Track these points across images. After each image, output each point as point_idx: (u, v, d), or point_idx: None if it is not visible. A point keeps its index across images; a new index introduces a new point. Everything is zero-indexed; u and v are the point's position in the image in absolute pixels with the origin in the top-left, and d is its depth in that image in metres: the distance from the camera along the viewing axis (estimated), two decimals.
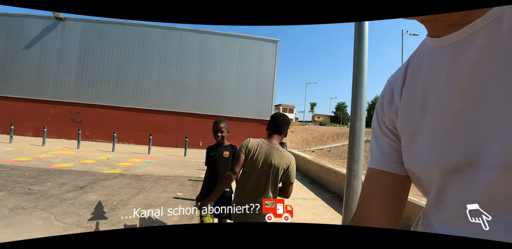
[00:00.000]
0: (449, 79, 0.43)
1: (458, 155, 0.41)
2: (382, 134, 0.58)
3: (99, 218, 1.55)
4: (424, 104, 0.48)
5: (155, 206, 3.66)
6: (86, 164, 6.48)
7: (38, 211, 3.15)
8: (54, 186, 4.24)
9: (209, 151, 2.29)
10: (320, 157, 10.62)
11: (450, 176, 0.43)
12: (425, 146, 0.46)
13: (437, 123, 0.45)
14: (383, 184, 0.56)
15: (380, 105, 0.59)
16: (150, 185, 4.86)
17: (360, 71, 1.66)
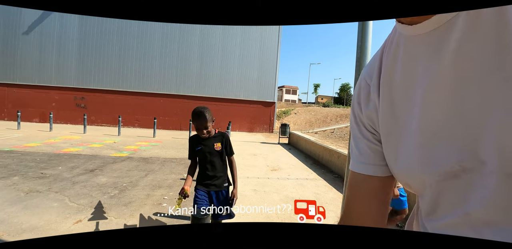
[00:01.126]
0: (430, 74, 0.39)
1: (450, 161, 0.38)
2: (361, 136, 0.52)
3: (99, 218, 1.63)
4: (407, 102, 0.42)
5: (164, 187, 3.81)
6: (94, 148, 6.63)
7: (52, 193, 3.29)
8: (65, 170, 4.39)
9: (194, 144, 1.94)
10: (323, 139, 10.70)
11: (445, 182, 0.40)
12: (413, 151, 0.42)
13: (424, 124, 0.40)
14: (366, 188, 0.53)
15: (357, 102, 0.53)
16: (157, 167, 5.00)
17: (363, 53, 1.63)
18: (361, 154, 0.52)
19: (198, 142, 1.93)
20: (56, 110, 12.51)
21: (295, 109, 24.20)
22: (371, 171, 0.51)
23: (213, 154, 1.93)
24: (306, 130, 14.18)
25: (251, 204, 3.31)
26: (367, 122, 0.51)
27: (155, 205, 3.14)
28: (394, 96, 0.44)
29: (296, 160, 6.61)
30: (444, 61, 0.37)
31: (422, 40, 0.39)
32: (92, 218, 2.59)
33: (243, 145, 8.74)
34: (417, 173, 0.42)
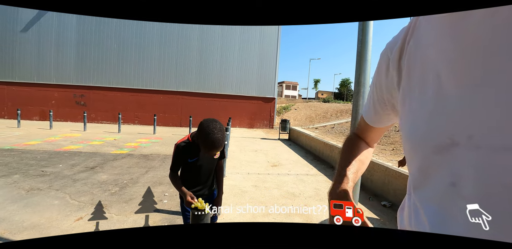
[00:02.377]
0: (448, 55, 0.42)
1: (443, 135, 0.42)
2: (376, 97, 0.64)
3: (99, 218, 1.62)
4: (424, 80, 0.47)
5: (164, 184, 3.81)
6: (94, 145, 6.64)
7: (53, 191, 3.30)
8: (66, 168, 4.40)
9: (187, 155, 1.54)
10: (323, 134, 10.69)
11: (435, 155, 0.44)
12: (418, 122, 0.47)
13: (432, 100, 0.45)
14: (364, 127, 0.75)
15: (378, 69, 0.61)
16: (157, 164, 5.01)
17: (364, 47, 1.60)
18: (369, 108, 0.69)
19: (192, 151, 1.54)
20: (56, 107, 12.49)
21: (295, 105, 24.14)
22: (370, 122, 0.72)
23: (210, 163, 1.62)
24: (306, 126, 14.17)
25: (254, 202, 3.32)
26: (386, 89, 0.59)
27: (155, 202, 3.14)
28: (414, 74, 0.49)
29: (296, 156, 6.61)
30: (461, 44, 0.40)
31: (444, 22, 0.42)
32: (93, 216, 2.60)
33: (243, 141, 8.74)
34: (418, 142, 0.48)
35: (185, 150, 1.53)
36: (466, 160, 0.40)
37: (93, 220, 2.20)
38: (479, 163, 0.38)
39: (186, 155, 1.54)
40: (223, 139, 1.43)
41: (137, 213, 1.82)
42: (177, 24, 13.21)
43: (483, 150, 0.38)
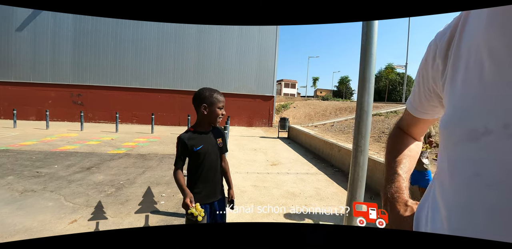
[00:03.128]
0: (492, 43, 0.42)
1: (478, 122, 0.42)
2: (422, 87, 0.62)
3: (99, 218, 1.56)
4: (467, 68, 0.46)
5: (162, 184, 3.74)
6: (91, 145, 6.54)
7: (47, 193, 3.22)
8: (61, 168, 4.31)
9: (191, 143, 1.48)
10: (323, 132, 10.63)
11: (465, 143, 0.44)
12: (456, 109, 0.47)
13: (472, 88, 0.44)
14: (409, 120, 0.73)
15: (425, 58, 0.59)
16: (155, 163, 4.93)
17: (369, 40, 1.52)
18: (413, 97, 0.67)
19: (196, 140, 1.48)
20: (52, 107, 12.36)
21: (294, 103, 24.06)
22: (412, 112, 0.70)
23: (215, 152, 1.54)
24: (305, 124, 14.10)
25: (254, 202, 3.24)
26: (432, 79, 0.58)
27: (152, 203, 3.06)
28: (457, 62, 0.49)
29: (296, 155, 6.54)
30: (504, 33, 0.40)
31: None
32: (88, 218, 2.53)
33: (242, 140, 8.67)
34: (452, 129, 0.47)
35: (189, 139, 1.48)
36: (496, 149, 0.39)
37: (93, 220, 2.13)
38: (506, 152, 0.38)
39: (190, 144, 1.48)
40: (219, 92, 1.54)
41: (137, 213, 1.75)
42: None
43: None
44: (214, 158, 1.54)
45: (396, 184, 0.61)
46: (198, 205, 1.33)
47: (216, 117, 1.51)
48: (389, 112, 12.04)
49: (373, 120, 10.47)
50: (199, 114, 1.52)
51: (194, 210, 1.31)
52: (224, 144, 1.65)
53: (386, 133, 8.07)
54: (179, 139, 1.49)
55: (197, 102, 1.49)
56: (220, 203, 1.60)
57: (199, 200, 1.43)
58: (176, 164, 1.50)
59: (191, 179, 1.52)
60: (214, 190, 1.55)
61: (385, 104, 18.41)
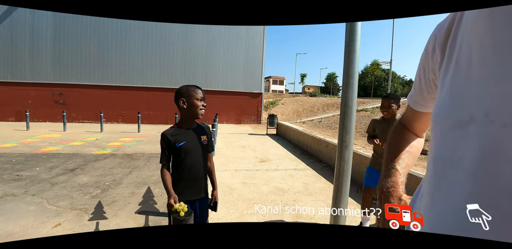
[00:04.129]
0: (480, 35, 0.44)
1: (464, 111, 0.44)
2: (422, 78, 0.64)
3: (99, 218, 1.52)
4: (459, 60, 0.48)
5: (149, 184, 3.68)
6: (74, 146, 6.35)
7: (29, 196, 3.10)
8: (44, 171, 4.16)
9: (173, 139, 1.48)
10: (311, 128, 10.74)
11: (451, 132, 0.46)
12: (446, 100, 0.49)
13: (461, 79, 0.46)
14: (411, 116, 0.74)
15: (426, 49, 0.61)
16: (142, 163, 4.84)
17: (353, 37, 1.53)
18: (414, 90, 0.68)
19: (179, 136, 1.49)
20: (33, 107, 11.87)
21: (283, 100, 24.16)
22: (412, 104, 0.71)
23: (199, 150, 1.53)
24: (293, 120, 14.21)
25: (243, 199, 3.25)
26: (431, 70, 0.59)
27: (140, 203, 3.01)
28: (452, 53, 0.50)
29: (284, 151, 6.59)
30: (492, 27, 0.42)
31: None
32: (93, 216, 2.46)
33: (231, 137, 8.64)
34: (440, 119, 0.49)
35: (171, 135, 1.49)
36: (476, 135, 0.41)
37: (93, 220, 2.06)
38: (486, 137, 0.40)
39: (173, 139, 1.48)
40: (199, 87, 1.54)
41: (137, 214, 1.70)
42: None
43: (494, 125, 0.39)
44: (198, 156, 1.53)
45: (392, 179, 0.62)
46: (182, 202, 1.33)
47: (197, 109, 1.49)
48: (374, 108, 12.29)
49: (359, 115, 10.66)
50: (181, 110, 1.53)
51: (177, 206, 1.30)
52: (210, 143, 1.63)
53: None
54: (162, 135, 1.50)
55: (177, 98, 1.50)
56: (202, 203, 1.58)
57: (181, 197, 1.42)
58: (161, 161, 1.50)
59: (173, 176, 1.51)
60: (197, 188, 1.54)
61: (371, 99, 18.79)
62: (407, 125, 0.75)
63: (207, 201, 1.60)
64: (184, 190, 1.47)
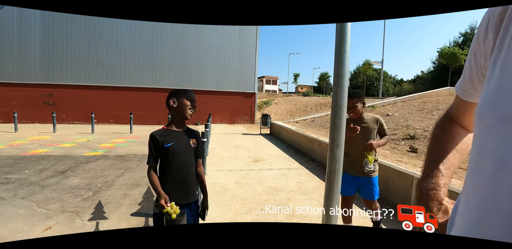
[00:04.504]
0: None
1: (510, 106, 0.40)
2: (474, 65, 0.57)
3: (99, 218, 1.51)
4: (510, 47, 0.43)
5: (142, 185, 3.65)
6: (65, 148, 6.24)
7: (18, 200, 3.04)
8: (33, 173, 4.08)
9: (162, 139, 1.47)
10: (304, 128, 10.79)
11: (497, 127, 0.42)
12: (495, 90, 0.44)
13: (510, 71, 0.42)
14: (459, 106, 0.65)
15: (477, 33, 0.54)
16: (134, 164, 4.79)
17: (342, 39, 1.56)
18: (463, 78, 0.61)
19: (167, 137, 1.47)
20: (21, 108, 11.60)
21: (276, 99, 24.21)
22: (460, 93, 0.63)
23: (187, 152, 1.50)
24: (287, 120, 14.25)
25: (237, 199, 3.25)
26: (483, 55, 0.53)
27: (133, 204, 2.99)
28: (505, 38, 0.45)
29: (278, 150, 6.62)
30: None
31: None
32: (93, 216, 2.43)
33: (224, 138, 8.63)
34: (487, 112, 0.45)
35: (160, 135, 1.48)
36: None
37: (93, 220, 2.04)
38: None
39: (161, 140, 1.47)
40: None
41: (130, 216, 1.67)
42: None
43: None
44: (185, 159, 1.50)
45: (434, 180, 0.56)
46: (173, 204, 1.33)
47: (186, 108, 1.51)
48: (366, 107, 12.44)
49: None
50: (171, 110, 1.55)
51: (169, 209, 1.30)
52: (200, 148, 1.61)
53: None
54: (150, 135, 1.49)
55: (167, 99, 1.55)
56: (193, 208, 1.54)
57: (172, 200, 1.40)
58: (148, 162, 1.47)
59: (160, 178, 1.48)
60: (184, 192, 1.50)
61: None
62: (454, 117, 0.66)
63: (195, 208, 1.56)
64: (172, 193, 1.42)
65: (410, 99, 13.09)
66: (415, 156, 5.03)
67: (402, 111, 9.86)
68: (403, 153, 5.19)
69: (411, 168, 3.93)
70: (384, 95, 32.10)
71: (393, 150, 5.46)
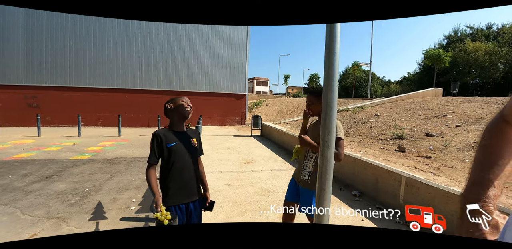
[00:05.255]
0: None
1: None
2: None
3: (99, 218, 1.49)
4: None
5: (131, 189, 3.58)
6: (50, 152, 6.06)
7: (1, 206, 2.92)
8: (16, 179, 3.94)
9: (165, 139, 1.49)
10: (295, 129, 10.86)
11: None
12: None
13: None
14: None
15: None
16: (123, 168, 4.70)
17: (332, 40, 1.58)
18: None
19: (170, 136, 1.48)
20: (3, 111, 11.20)
21: (266, 101, 24.27)
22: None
23: (189, 152, 1.53)
24: (278, 121, 14.30)
25: (228, 201, 3.23)
26: None
27: (122, 209, 2.93)
28: None
29: (269, 152, 6.63)
30: None
31: None
32: (93, 216, 2.36)
33: (215, 139, 8.58)
34: None
35: (163, 135, 1.50)
36: None
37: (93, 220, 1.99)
38: None
39: (164, 139, 1.48)
40: None
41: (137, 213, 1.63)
42: None
43: None
44: (188, 158, 1.52)
45: (482, 190, 0.50)
46: (164, 209, 1.31)
47: (183, 107, 1.51)
48: (355, 108, 12.63)
49: (341, 115, 10.91)
50: (170, 113, 1.55)
51: (158, 214, 1.29)
52: (200, 146, 1.66)
53: (354, 127, 8.47)
54: (153, 134, 1.50)
55: (164, 107, 1.56)
56: (197, 205, 1.58)
57: (173, 200, 1.41)
58: (149, 160, 1.47)
59: (163, 178, 1.49)
60: (188, 191, 1.52)
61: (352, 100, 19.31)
62: (509, 118, 0.57)
63: (199, 204, 1.60)
64: (176, 193, 1.44)
65: (398, 100, 13.39)
66: (403, 155, 5.14)
67: (390, 112, 10.07)
68: (392, 153, 5.29)
69: (399, 167, 4.01)
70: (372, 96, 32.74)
71: (381, 149, 5.57)
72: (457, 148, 4.87)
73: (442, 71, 26.46)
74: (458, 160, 4.34)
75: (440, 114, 7.97)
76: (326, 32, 1.80)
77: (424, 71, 31.09)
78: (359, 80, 37.88)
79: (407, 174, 2.94)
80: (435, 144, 5.30)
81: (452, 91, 17.79)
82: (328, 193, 1.81)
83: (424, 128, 6.62)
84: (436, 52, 24.09)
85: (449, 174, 3.81)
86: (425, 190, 2.63)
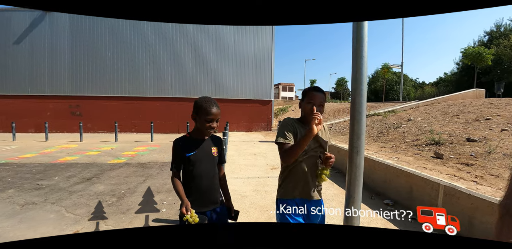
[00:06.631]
0: None
1: None
2: None
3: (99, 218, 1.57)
4: None
5: (162, 192, 3.73)
6: (90, 156, 6.54)
7: (48, 205, 3.21)
8: (62, 180, 4.31)
9: (184, 148, 1.48)
10: None
11: None
12: None
13: None
14: None
15: None
16: (155, 172, 4.93)
17: (360, 44, 1.55)
18: None
19: (190, 146, 1.49)
20: (51, 119, 12.38)
21: (292, 106, 24.11)
22: None
23: (209, 161, 1.53)
24: None
25: (255, 206, 3.24)
26: None
27: (154, 211, 3.06)
28: None
29: None
30: None
31: None
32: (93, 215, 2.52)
33: (241, 145, 8.67)
34: None
35: (182, 143, 1.48)
36: None
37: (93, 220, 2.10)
38: None
39: (184, 148, 1.47)
40: (214, 103, 1.46)
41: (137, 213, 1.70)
42: (171, 29, 13.29)
43: None
44: (208, 167, 1.51)
45: None
46: (193, 211, 1.35)
47: (204, 128, 1.47)
48: (386, 112, 12.07)
49: (371, 120, 10.49)
50: (193, 119, 1.54)
51: (188, 217, 1.32)
52: (221, 154, 1.62)
53: (385, 132, 8.09)
54: (174, 142, 1.50)
55: (193, 110, 1.51)
56: (222, 210, 1.57)
57: (194, 208, 1.41)
58: (171, 168, 1.50)
59: (185, 186, 1.50)
60: (207, 200, 1.52)
61: (382, 104, 18.47)
62: None
63: (220, 212, 1.58)
64: (194, 202, 1.44)
65: (433, 103, 12.57)
66: (440, 162, 4.79)
67: (425, 115, 9.48)
68: (428, 159, 4.96)
69: (436, 174, 3.74)
70: (405, 99, 31.03)
71: (416, 156, 5.24)
72: (504, 155, 4.44)
73: (484, 70, 24.40)
74: (505, 167, 3.95)
75: (483, 117, 7.34)
76: (353, 35, 1.78)
77: (462, 71, 28.93)
78: (389, 82, 36.26)
79: (445, 183, 2.74)
80: (478, 150, 4.88)
81: (496, 92, 16.32)
82: (358, 200, 1.75)
83: (465, 133, 6.13)
84: (476, 50, 22.33)
85: (494, 183, 3.48)
86: (467, 200, 2.43)
